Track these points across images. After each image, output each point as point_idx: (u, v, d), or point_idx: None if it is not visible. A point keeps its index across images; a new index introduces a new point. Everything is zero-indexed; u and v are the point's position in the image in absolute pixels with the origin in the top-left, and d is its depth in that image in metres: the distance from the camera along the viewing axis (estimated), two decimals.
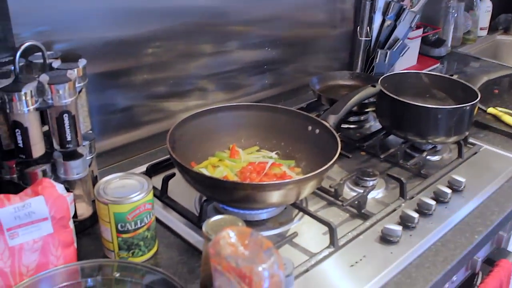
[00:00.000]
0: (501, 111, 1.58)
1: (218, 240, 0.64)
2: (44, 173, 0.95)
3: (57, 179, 0.95)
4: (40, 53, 0.94)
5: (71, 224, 0.90)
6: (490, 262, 1.24)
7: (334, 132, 1.10)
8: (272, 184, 0.94)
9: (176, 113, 1.38)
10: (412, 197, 1.16)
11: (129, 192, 0.91)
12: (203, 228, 0.82)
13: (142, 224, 0.92)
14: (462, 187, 1.20)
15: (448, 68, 2.02)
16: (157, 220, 1.05)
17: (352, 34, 1.77)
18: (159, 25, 1.26)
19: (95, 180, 1.08)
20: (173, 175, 1.13)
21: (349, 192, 1.17)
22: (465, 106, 1.23)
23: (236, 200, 0.98)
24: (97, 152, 1.11)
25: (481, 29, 2.34)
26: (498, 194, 1.20)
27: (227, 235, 0.64)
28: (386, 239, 1.02)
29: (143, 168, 1.22)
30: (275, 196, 0.95)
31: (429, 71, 1.92)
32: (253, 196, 0.95)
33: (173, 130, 1.08)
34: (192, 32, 1.34)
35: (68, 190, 0.90)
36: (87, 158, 1.02)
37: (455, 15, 2.10)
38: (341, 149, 1.05)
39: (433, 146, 1.34)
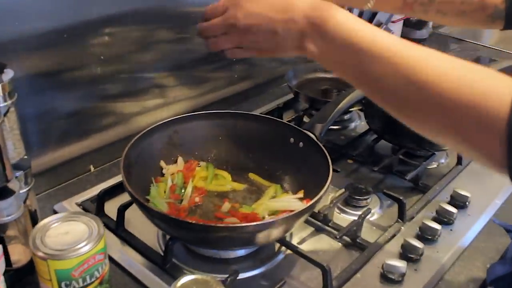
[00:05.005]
0: None
1: None
2: None
3: None
4: None
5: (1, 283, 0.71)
6: None
7: (323, 147, 0.93)
8: (253, 226, 0.76)
9: (132, 116, 1.17)
10: (412, 218, 1.00)
11: (74, 242, 0.71)
12: None
13: (93, 280, 0.73)
14: (467, 202, 1.04)
15: None
16: (112, 260, 0.87)
17: None
18: (107, 9, 1.03)
19: (34, 215, 0.88)
20: (131, 203, 0.93)
21: (340, 215, 1.00)
22: None
23: (207, 243, 0.81)
24: (38, 171, 0.95)
25: None
26: (505, 210, 1.05)
27: None
28: (388, 277, 0.86)
29: (95, 190, 1.01)
30: (256, 238, 0.78)
31: None
32: (228, 239, 0.77)
33: (128, 151, 0.88)
34: (147, 16, 1.11)
35: None
36: (22, 192, 0.81)
37: None
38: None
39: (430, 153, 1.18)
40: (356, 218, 0.95)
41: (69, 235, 0.73)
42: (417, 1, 0.91)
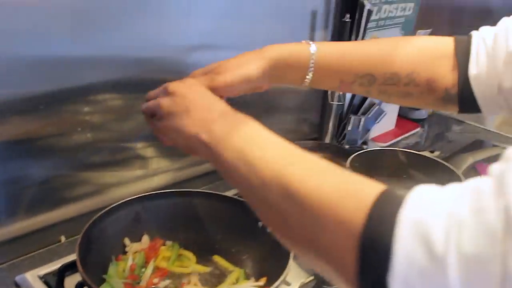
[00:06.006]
0: None
1: None
2: None
3: None
4: None
5: None
6: None
7: None
8: None
9: (109, 186, 1.16)
10: None
11: None
12: None
13: None
14: None
15: (429, 134, 1.85)
16: None
17: (323, 95, 1.58)
18: (85, 79, 1.03)
19: None
20: None
21: None
22: None
23: None
24: (5, 239, 0.97)
25: None
26: None
27: None
28: None
29: (62, 262, 0.99)
30: None
31: (408, 136, 1.77)
32: None
33: (88, 228, 0.87)
34: (127, 86, 1.11)
35: None
36: None
37: None
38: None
39: None
40: None
41: None
42: (356, 81, 0.86)
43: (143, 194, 0.99)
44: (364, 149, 1.24)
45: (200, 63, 0.93)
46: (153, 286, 0.91)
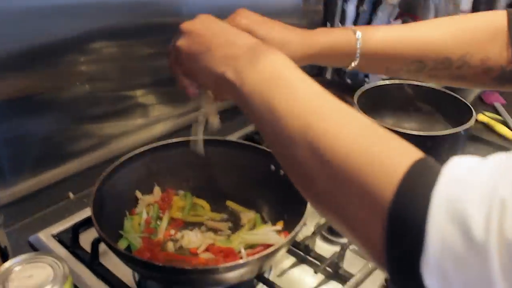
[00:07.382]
0: (492, 118, 1.38)
1: None
2: None
3: None
4: None
5: None
6: None
7: None
8: (223, 268, 0.72)
9: (112, 137, 1.14)
10: None
11: (38, 286, 0.69)
12: None
13: None
14: None
15: None
16: None
17: None
18: (80, 27, 0.98)
19: (4, 251, 0.85)
20: None
21: (322, 245, 0.97)
22: (459, 131, 1.03)
23: (177, 283, 0.78)
24: (12, 199, 0.95)
25: (462, 12, 2.12)
26: None
27: None
28: None
29: (74, 219, 0.97)
30: (228, 278, 0.75)
31: None
32: (198, 280, 0.74)
33: (100, 185, 0.86)
34: (124, 32, 1.07)
35: None
36: None
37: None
38: None
39: None
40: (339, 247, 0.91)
41: (33, 278, 0.71)
42: (402, 69, 0.81)
43: (151, 146, 0.96)
44: (367, 83, 1.21)
45: (196, 2, 0.87)
46: (170, 237, 0.91)
